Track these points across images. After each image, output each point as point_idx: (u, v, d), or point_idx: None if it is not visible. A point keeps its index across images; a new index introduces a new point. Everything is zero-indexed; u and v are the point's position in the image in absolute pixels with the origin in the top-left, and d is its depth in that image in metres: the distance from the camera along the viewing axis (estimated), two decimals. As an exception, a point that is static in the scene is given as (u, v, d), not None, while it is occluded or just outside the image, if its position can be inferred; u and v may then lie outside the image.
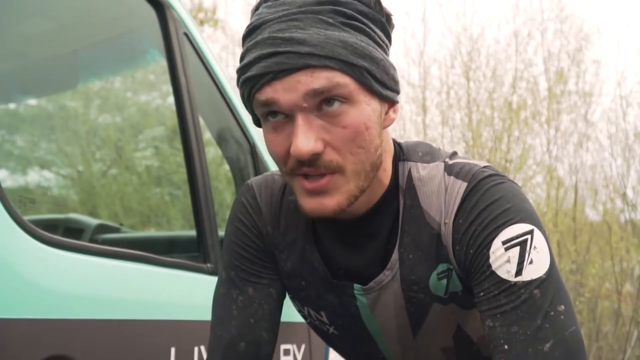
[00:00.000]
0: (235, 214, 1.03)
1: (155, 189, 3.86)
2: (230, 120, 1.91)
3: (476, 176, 0.88)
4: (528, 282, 0.81)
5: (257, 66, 0.80)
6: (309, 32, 0.79)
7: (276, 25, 0.80)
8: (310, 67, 0.78)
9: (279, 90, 0.79)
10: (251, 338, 0.99)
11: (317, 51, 0.78)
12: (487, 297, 0.83)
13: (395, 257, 0.92)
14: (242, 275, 1.01)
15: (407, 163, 0.94)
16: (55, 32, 1.75)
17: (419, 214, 0.91)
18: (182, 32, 1.65)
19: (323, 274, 0.97)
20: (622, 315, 6.17)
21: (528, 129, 7.14)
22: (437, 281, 0.91)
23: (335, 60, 0.78)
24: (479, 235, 0.85)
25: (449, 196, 0.89)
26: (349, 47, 0.79)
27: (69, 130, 2.92)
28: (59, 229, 2.06)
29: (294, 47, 0.78)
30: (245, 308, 0.99)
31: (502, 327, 0.81)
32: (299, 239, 0.99)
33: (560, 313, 0.81)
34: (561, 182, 6.98)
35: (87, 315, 1.20)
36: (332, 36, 0.79)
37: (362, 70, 0.80)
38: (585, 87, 7.28)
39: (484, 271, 0.84)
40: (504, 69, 7.21)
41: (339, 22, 0.80)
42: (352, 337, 1.03)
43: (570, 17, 7.45)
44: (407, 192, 0.92)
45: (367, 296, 0.95)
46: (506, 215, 0.84)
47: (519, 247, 0.82)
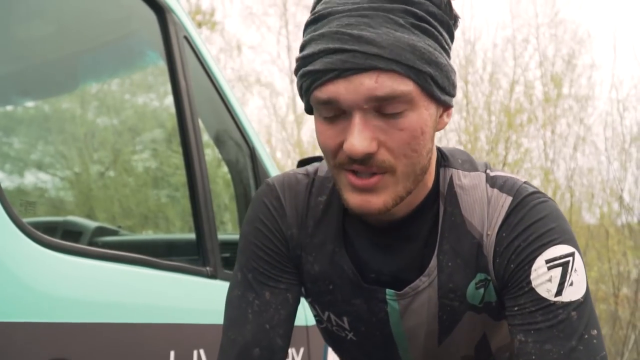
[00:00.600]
0: (256, 214, 0.99)
1: (153, 191, 3.86)
2: (229, 123, 1.91)
3: (521, 192, 0.89)
4: (567, 303, 0.83)
5: (321, 60, 0.78)
6: (378, 31, 0.76)
7: (345, 19, 0.77)
8: (377, 70, 0.76)
9: (341, 89, 0.77)
10: (266, 344, 0.96)
11: (385, 54, 0.76)
12: (521, 312, 0.84)
13: (434, 263, 0.91)
14: (259, 278, 0.98)
15: (448, 169, 0.93)
16: (55, 35, 1.75)
17: (460, 222, 0.91)
18: (182, 36, 1.66)
19: (353, 277, 0.95)
20: (619, 318, 6.18)
21: (525, 133, 7.17)
22: (475, 290, 0.91)
23: (402, 65, 0.77)
24: (522, 250, 0.85)
25: (492, 208, 0.89)
26: (417, 52, 0.77)
27: (69, 132, 2.92)
28: (57, 232, 2.05)
29: (362, 46, 0.76)
30: (261, 313, 0.96)
31: (535, 343, 0.82)
32: (329, 242, 0.96)
33: (594, 337, 0.82)
34: (558, 186, 7.00)
35: (87, 318, 1.20)
36: (401, 39, 0.77)
37: (427, 76, 0.79)
38: (581, 91, 7.31)
39: (522, 287, 0.85)
40: (501, 73, 7.23)
41: (409, 24, 0.78)
42: (372, 343, 1.01)
43: (565, 21, 7.49)
44: (448, 198, 0.92)
45: (399, 301, 0.94)
46: (551, 234, 0.85)
47: (561, 268, 0.83)
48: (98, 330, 1.21)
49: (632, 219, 6.65)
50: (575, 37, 7.38)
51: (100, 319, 1.22)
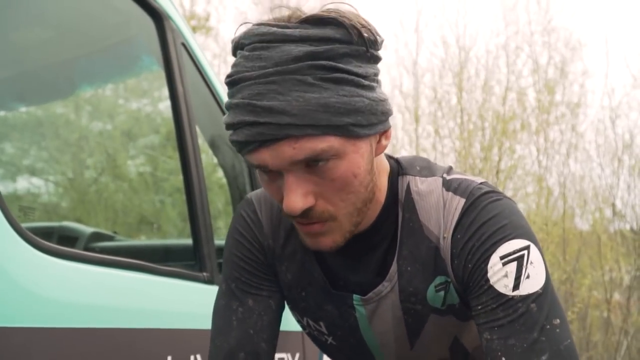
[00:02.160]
0: (235, 227, 1.05)
1: (149, 197, 3.86)
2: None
3: (474, 193, 0.91)
4: (525, 296, 0.84)
5: (241, 132, 0.80)
6: (288, 98, 0.76)
7: (255, 87, 0.78)
8: (293, 137, 0.78)
9: (266, 156, 0.80)
10: (250, 349, 1.00)
11: (297, 121, 0.76)
12: (484, 310, 0.86)
13: (394, 268, 0.94)
14: (242, 287, 1.02)
15: (405, 177, 0.96)
16: (53, 40, 1.76)
17: (417, 227, 0.93)
18: (180, 43, 1.67)
19: (323, 284, 0.99)
20: (611, 324, 6.21)
21: (518, 140, 7.20)
22: (435, 293, 0.94)
23: (316, 127, 0.77)
24: (477, 250, 0.87)
25: (447, 211, 0.91)
26: (331, 109, 0.77)
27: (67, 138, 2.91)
28: (53, 237, 2.05)
29: (275, 117, 0.77)
30: (244, 319, 1.00)
31: (499, 339, 0.84)
32: (299, 251, 1.00)
33: (556, 327, 0.83)
34: (551, 192, 7.03)
35: (84, 324, 1.20)
36: (311, 100, 0.77)
37: (347, 126, 0.79)
38: (573, 98, 7.36)
39: (481, 285, 0.86)
40: (495, 80, 7.27)
41: (319, 79, 0.77)
42: (350, 347, 1.05)
43: (557, 29, 7.54)
44: (406, 205, 0.94)
45: (365, 307, 0.97)
46: (503, 231, 0.87)
47: (516, 262, 0.85)
48: (95, 335, 1.22)
49: (624, 226, 6.68)
50: (568, 45, 7.44)
51: (97, 324, 1.23)
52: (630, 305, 6.18)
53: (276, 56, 0.77)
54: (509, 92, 7.16)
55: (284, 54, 0.77)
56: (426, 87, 7.36)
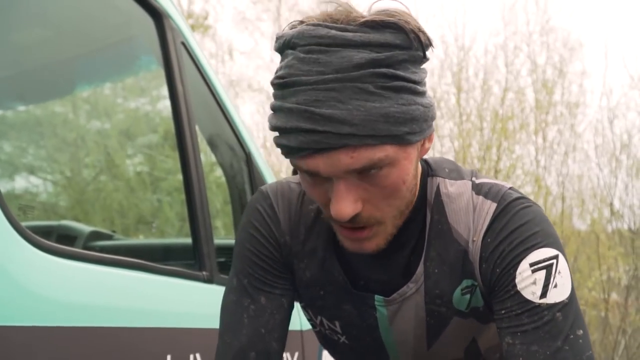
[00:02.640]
0: (250, 221, 1.01)
1: (147, 196, 3.86)
2: (226, 129, 1.92)
3: (505, 198, 0.91)
4: (552, 304, 0.84)
5: (295, 137, 0.78)
6: (348, 107, 0.75)
7: (312, 93, 0.75)
8: (351, 146, 0.76)
9: (320, 164, 0.79)
10: (261, 348, 0.98)
11: (357, 131, 0.75)
12: (508, 315, 0.86)
13: (421, 270, 0.93)
14: (255, 283, 1.00)
15: (435, 179, 0.95)
16: (53, 39, 1.75)
17: (446, 230, 0.93)
18: (180, 42, 1.66)
19: (343, 283, 0.97)
20: (609, 324, 6.22)
21: (516, 139, 7.21)
22: (461, 296, 0.94)
23: (376, 137, 0.77)
24: (507, 255, 0.87)
25: (477, 215, 0.91)
26: (391, 119, 0.77)
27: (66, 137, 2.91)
28: (52, 236, 2.05)
29: (335, 126, 0.75)
30: (256, 317, 0.98)
31: (522, 345, 0.84)
32: (320, 249, 0.99)
33: (579, 337, 0.84)
34: (549, 192, 7.04)
35: (84, 322, 1.20)
36: (372, 110, 0.75)
37: (404, 134, 0.79)
38: (571, 99, 7.37)
39: (508, 290, 0.87)
40: (493, 80, 7.28)
41: (380, 87, 0.76)
42: (364, 347, 1.04)
43: (556, 29, 7.55)
44: (435, 207, 0.94)
45: (388, 307, 0.96)
46: (534, 238, 0.87)
47: (545, 271, 0.85)
48: (94, 334, 1.21)
49: (622, 226, 6.70)
50: (566, 45, 7.44)
51: (97, 323, 1.23)
52: (628, 304, 6.19)
53: (336, 62, 0.75)
54: (507, 92, 7.17)
55: (345, 60, 0.75)
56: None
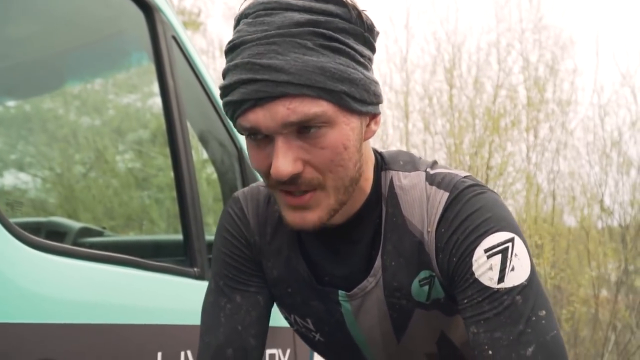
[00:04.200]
0: (223, 224, 1.05)
1: (137, 193, 3.84)
2: (217, 124, 1.91)
3: (457, 186, 0.91)
4: (510, 288, 0.84)
5: (237, 91, 0.81)
6: (287, 58, 0.79)
7: (255, 48, 0.80)
8: (288, 96, 0.79)
9: (260, 117, 0.81)
10: (238, 344, 1.00)
11: (294, 80, 0.78)
12: (470, 304, 0.86)
13: (378, 263, 0.94)
14: (230, 283, 1.03)
15: (389, 172, 0.96)
16: (42, 33, 1.73)
17: (400, 222, 0.93)
18: (170, 35, 1.65)
19: (308, 280, 0.99)
20: (599, 320, 6.26)
21: (508, 137, 7.23)
22: (419, 287, 0.94)
23: (312, 88, 0.79)
24: (461, 244, 0.87)
25: (430, 205, 0.91)
26: (327, 73, 0.80)
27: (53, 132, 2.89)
28: (41, 232, 2.03)
29: (272, 74, 0.79)
30: (232, 315, 1.01)
31: (485, 332, 0.84)
32: (285, 247, 1.01)
33: (542, 318, 0.83)
34: (540, 189, 7.07)
35: (73, 319, 1.19)
36: (309, 62, 0.79)
37: (341, 94, 0.81)
38: (563, 96, 7.40)
39: (467, 279, 0.87)
40: (486, 77, 7.29)
41: (318, 45, 0.80)
42: (338, 344, 1.05)
43: (548, 27, 7.57)
44: (389, 200, 0.94)
45: (351, 302, 0.97)
46: (487, 224, 0.87)
47: (500, 255, 0.85)
48: (85, 331, 1.20)
49: (612, 222, 6.73)
50: (558, 43, 7.47)
51: (87, 320, 1.22)
52: (617, 301, 6.23)
53: (278, 21, 0.80)
54: (499, 89, 7.19)
55: (286, 19, 0.80)
56: (417, 84, 7.37)
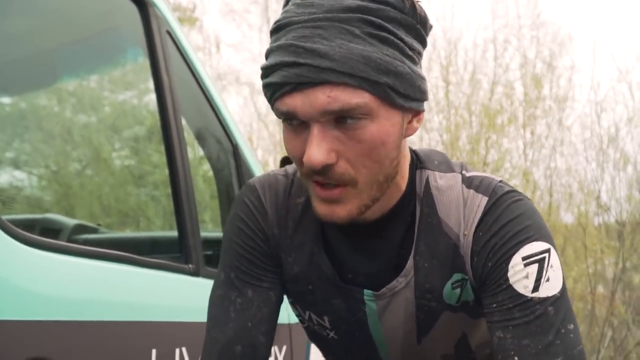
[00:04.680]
0: (238, 214, 1.00)
1: (133, 190, 3.82)
2: (212, 120, 1.90)
3: (496, 191, 0.90)
4: (544, 298, 0.84)
5: (278, 73, 0.79)
6: (332, 44, 0.76)
7: (300, 30, 0.77)
8: (330, 84, 0.76)
9: (298, 102, 0.78)
10: (248, 341, 0.96)
11: (337, 67, 0.76)
12: (500, 309, 0.85)
13: (411, 264, 0.92)
14: (242, 277, 0.98)
15: (424, 171, 0.94)
16: (35, 29, 1.72)
17: (436, 223, 0.91)
18: (165, 30, 1.64)
19: (332, 278, 0.96)
20: (595, 316, 6.27)
21: (504, 133, 7.23)
22: (451, 290, 0.92)
23: (355, 77, 0.76)
24: (499, 249, 0.86)
25: (468, 209, 0.90)
26: (372, 63, 0.77)
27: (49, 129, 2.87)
28: (36, 229, 2.02)
29: (315, 60, 0.76)
30: (243, 311, 0.97)
31: (513, 339, 0.83)
32: (308, 242, 0.97)
33: (570, 331, 0.83)
34: (537, 186, 7.08)
35: (67, 316, 1.18)
36: (354, 50, 0.76)
37: (384, 86, 0.78)
38: (560, 93, 7.40)
39: (500, 284, 0.86)
40: (482, 74, 7.29)
41: (366, 33, 0.77)
42: (353, 342, 1.02)
43: (546, 23, 7.57)
44: (425, 200, 0.92)
45: (377, 302, 0.95)
46: (527, 232, 0.86)
47: (537, 265, 0.85)
48: (78, 328, 1.20)
49: (609, 219, 6.75)
50: (555, 39, 7.46)
51: (80, 317, 1.21)
52: (614, 297, 6.25)
53: (327, 4, 0.77)
54: (496, 85, 7.18)
55: (336, 3, 0.77)
56: (413, 80, 7.34)
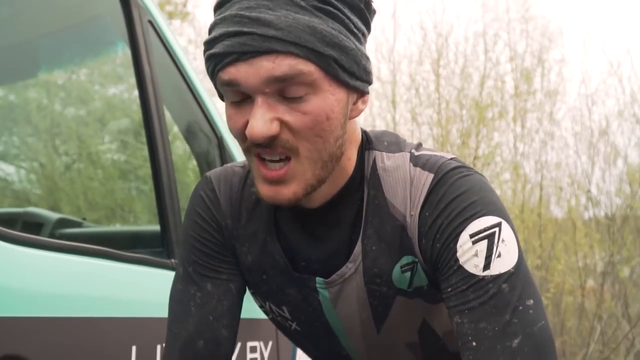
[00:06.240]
0: (192, 207, 0.99)
1: (121, 183, 3.79)
2: (197, 112, 1.87)
3: (442, 168, 0.86)
4: (496, 276, 0.79)
5: (222, 44, 0.78)
6: (277, 13, 0.76)
7: (245, 2, 0.77)
8: (274, 52, 0.76)
9: (242, 72, 0.77)
10: (210, 335, 0.95)
11: (282, 35, 0.75)
12: (454, 292, 0.82)
13: (359, 249, 0.90)
14: (200, 270, 0.97)
15: (372, 152, 0.91)
16: (13, 18, 1.68)
17: (382, 205, 0.89)
18: (147, 20, 1.60)
19: (284, 266, 0.94)
20: (585, 310, 6.30)
21: (495, 127, 7.23)
22: (401, 274, 0.89)
23: (300, 46, 0.76)
24: (445, 228, 0.83)
25: (414, 188, 0.87)
26: (317, 34, 0.77)
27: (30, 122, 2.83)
28: (16, 224, 1.99)
29: (260, 28, 0.76)
30: (203, 305, 0.95)
31: (470, 323, 0.80)
32: (260, 231, 0.96)
33: (529, 307, 0.79)
34: (527, 179, 7.08)
35: (43, 313, 1.15)
36: (301, 20, 0.76)
37: (329, 59, 0.78)
38: (550, 86, 7.40)
39: (451, 266, 0.82)
40: (473, 67, 7.28)
41: (311, 6, 0.77)
42: (315, 333, 1.00)
43: (535, 17, 7.56)
44: (371, 181, 0.90)
45: (329, 289, 0.93)
46: (473, 208, 0.82)
47: (486, 241, 0.81)
48: (55, 325, 1.17)
49: (599, 213, 6.77)
50: (545, 33, 7.46)
51: (57, 313, 1.18)
52: (604, 291, 6.27)
53: None
54: (486, 79, 7.18)
55: None
56: (403, 74, 7.33)
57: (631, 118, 6.71)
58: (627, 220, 6.39)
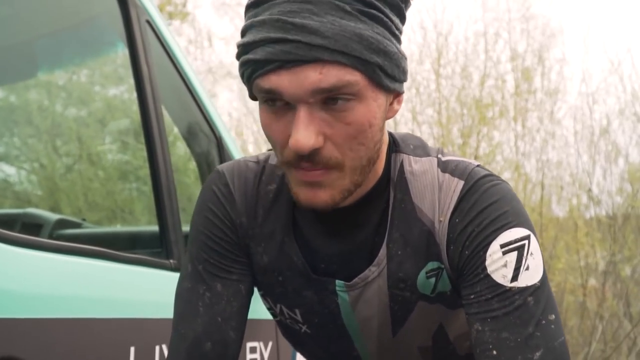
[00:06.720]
0: (204, 203, 0.95)
1: (121, 184, 3.79)
2: (195, 112, 1.86)
3: (473, 175, 0.86)
4: (523, 288, 0.80)
5: (262, 49, 0.74)
6: (323, 20, 0.72)
7: (287, 5, 0.73)
8: (320, 62, 0.73)
9: (285, 81, 0.74)
10: (218, 337, 0.92)
11: (330, 45, 0.72)
12: (478, 300, 0.82)
13: (383, 252, 0.88)
14: (210, 269, 0.94)
15: (399, 155, 0.90)
16: (10, 19, 1.68)
17: (409, 209, 0.88)
18: (145, 20, 1.60)
19: (302, 268, 0.92)
20: (587, 309, 6.29)
21: (496, 126, 7.22)
22: (425, 279, 0.89)
23: (348, 56, 0.73)
24: (476, 236, 0.83)
25: (443, 193, 0.86)
26: (365, 42, 0.74)
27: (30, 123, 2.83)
28: (15, 225, 1.99)
29: (306, 36, 0.72)
30: (212, 305, 0.93)
31: (492, 332, 0.80)
32: (278, 231, 0.93)
33: (551, 322, 0.80)
34: (528, 179, 7.07)
35: (40, 314, 1.15)
36: (347, 28, 0.73)
37: (374, 66, 0.75)
38: (551, 85, 7.39)
39: (477, 274, 0.82)
40: (473, 66, 7.27)
41: (356, 10, 0.74)
42: (327, 335, 0.98)
43: (536, 16, 7.55)
44: (399, 185, 0.89)
45: (349, 293, 0.91)
46: (505, 218, 0.82)
47: (516, 252, 0.81)
48: (52, 326, 1.16)
49: (600, 212, 6.76)
50: (546, 32, 7.45)
51: (54, 314, 1.18)
52: (605, 290, 6.26)
53: None
54: (486, 78, 7.17)
55: None
56: (404, 74, 7.32)
57: (632, 116, 6.69)
58: (629, 219, 6.38)
